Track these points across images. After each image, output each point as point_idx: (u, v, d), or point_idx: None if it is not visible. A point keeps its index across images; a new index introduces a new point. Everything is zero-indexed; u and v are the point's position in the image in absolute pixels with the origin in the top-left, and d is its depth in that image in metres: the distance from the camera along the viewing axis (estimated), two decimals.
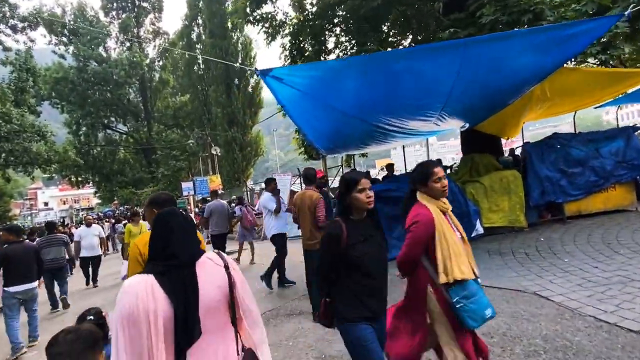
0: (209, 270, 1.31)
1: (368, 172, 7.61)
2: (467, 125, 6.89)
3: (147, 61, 30.77)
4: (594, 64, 5.80)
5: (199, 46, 28.65)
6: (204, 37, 27.46)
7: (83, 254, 7.65)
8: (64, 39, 28.14)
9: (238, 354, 1.30)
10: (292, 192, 6.24)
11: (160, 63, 33.08)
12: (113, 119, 31.85)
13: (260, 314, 1.49)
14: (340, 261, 1.77)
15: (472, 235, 5.81)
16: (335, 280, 1.84)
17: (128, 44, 31.00)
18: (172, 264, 1.25)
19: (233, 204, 14.56)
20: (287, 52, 8.69)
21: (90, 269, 7.89)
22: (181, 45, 29.72)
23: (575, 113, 8.23)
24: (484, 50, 3.85)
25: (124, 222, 13.68)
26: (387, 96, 4.73)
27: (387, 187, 5.72)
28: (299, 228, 4.20)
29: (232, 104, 22.90)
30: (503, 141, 8.50)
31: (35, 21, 19.61)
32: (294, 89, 4.41)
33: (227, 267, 1.35)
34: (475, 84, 4.46)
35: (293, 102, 4.86)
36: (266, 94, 24.47)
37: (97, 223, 12.24)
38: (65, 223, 31.82)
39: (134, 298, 1.15)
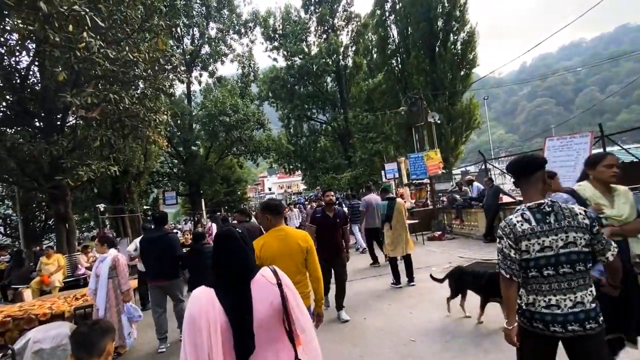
0: (262, 287, 1.43)
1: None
2: None
3: (342, 49, 31.01)
4: None
5: (392, 17, 25.99)
6: (399, 5, 24.61)
7: None
8: (275, 43, 31.54)
9: None
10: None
11: (353, 49, 32.78)
12: (314, 110, 34.03)
13: None
14: None
15: None
16: None
17: (325, 36, 32.04)
18: (227, 280, 1.41)
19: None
20: None
21: None
22: (373, 23, 28.04)
23: None
24: None
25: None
26: None
27: None
28: None
29: (437, 69, 18.77)
30: None
31: (254, 23, 21.64)
32: None
33: (280, 285, 1.46)
34: None
35: None
36: (481, 48, 19.03)
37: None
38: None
39: (198, 307, 1.33)
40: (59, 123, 7.96)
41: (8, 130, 7.83)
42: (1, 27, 6.26)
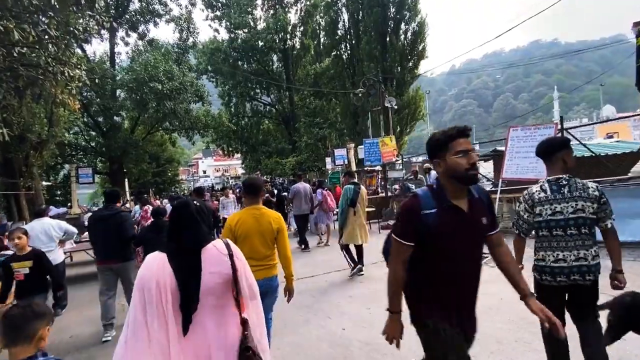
0: (212, 256, 1.54)
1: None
2: None
3: (290, 27, 29.66)
4: None
5: (343, 0, 25.27)
6: None
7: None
8: (218, 12, 28.82)
9: (240, 326, 1.55)
10: None
11: (302, 29, 31.55)
12: (258, 90, 32.21)
13: None
14: None
15: None
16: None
17: (272, 11, 30.28)
18: (180, 247, 1.53)
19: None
20: None
21: None
22: (323, 4, 27.09)
23: None
24: None
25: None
26: None
27: None
28: None
29: (389, 56, 18.61)
30: None
31: None
32: None
33: (231, 256, 1.57)
34: None
35: None
36: (431, 39, 19.24)
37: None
38: (215, 189, 34.45)
39: (149, 270, 1.47)
40: None
41: None
42: None
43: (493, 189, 8.47)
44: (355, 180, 5.96)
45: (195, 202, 1.62)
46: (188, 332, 1.44)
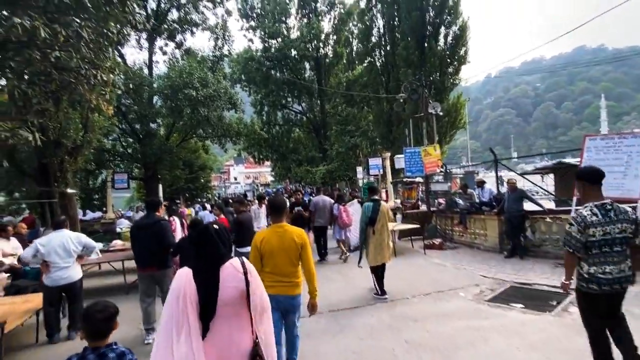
0: (229, 274, 1.79)
1: None
2: None
3: (323, 35, 29.53)
4: None
5: (378, 6, 24.66)
6: None
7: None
8: (252, 22, 29.18)
9: (252, 334, 1.79)
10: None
11: (335, 37, 31.33)
12: (290, 99, 32.19)
13: None
14: None
15: None
16: None
17: (306, 20, 30.29)
18: (202, 264, 1.78)
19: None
20: None
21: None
22: (357, 11, 26.66)
23: None
24: None
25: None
26: None
27: None
28: None
29: (428, 62, 17.63)
30: None
31: None
32: None
33: (245, 273, 1.82)
34: None
35: None
36: (473, 42, 18.07)
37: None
38: (248, 197, 34.57)
39: (178, 283, 1.70)
40: None
41: None
42: None
43: (557, 208, 7.33)
44: (377, 196, 5.63)
45: (215, 225, 1.88)
46: (207, 337, 1.67)
